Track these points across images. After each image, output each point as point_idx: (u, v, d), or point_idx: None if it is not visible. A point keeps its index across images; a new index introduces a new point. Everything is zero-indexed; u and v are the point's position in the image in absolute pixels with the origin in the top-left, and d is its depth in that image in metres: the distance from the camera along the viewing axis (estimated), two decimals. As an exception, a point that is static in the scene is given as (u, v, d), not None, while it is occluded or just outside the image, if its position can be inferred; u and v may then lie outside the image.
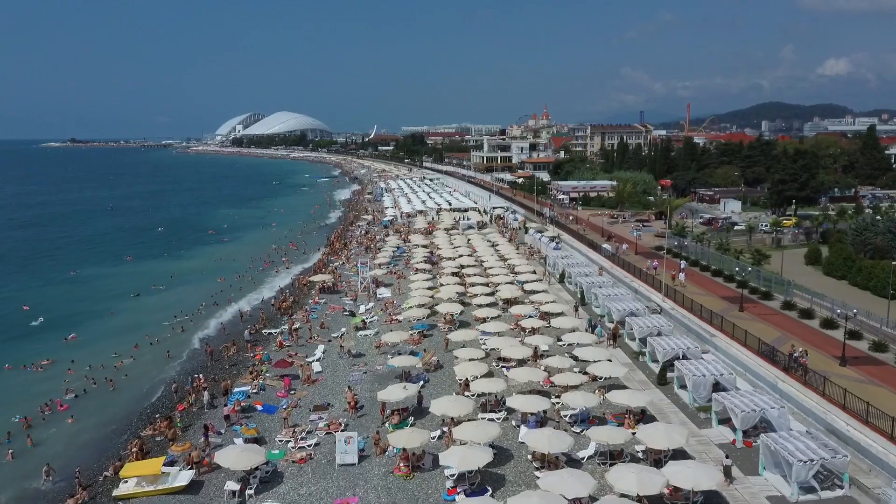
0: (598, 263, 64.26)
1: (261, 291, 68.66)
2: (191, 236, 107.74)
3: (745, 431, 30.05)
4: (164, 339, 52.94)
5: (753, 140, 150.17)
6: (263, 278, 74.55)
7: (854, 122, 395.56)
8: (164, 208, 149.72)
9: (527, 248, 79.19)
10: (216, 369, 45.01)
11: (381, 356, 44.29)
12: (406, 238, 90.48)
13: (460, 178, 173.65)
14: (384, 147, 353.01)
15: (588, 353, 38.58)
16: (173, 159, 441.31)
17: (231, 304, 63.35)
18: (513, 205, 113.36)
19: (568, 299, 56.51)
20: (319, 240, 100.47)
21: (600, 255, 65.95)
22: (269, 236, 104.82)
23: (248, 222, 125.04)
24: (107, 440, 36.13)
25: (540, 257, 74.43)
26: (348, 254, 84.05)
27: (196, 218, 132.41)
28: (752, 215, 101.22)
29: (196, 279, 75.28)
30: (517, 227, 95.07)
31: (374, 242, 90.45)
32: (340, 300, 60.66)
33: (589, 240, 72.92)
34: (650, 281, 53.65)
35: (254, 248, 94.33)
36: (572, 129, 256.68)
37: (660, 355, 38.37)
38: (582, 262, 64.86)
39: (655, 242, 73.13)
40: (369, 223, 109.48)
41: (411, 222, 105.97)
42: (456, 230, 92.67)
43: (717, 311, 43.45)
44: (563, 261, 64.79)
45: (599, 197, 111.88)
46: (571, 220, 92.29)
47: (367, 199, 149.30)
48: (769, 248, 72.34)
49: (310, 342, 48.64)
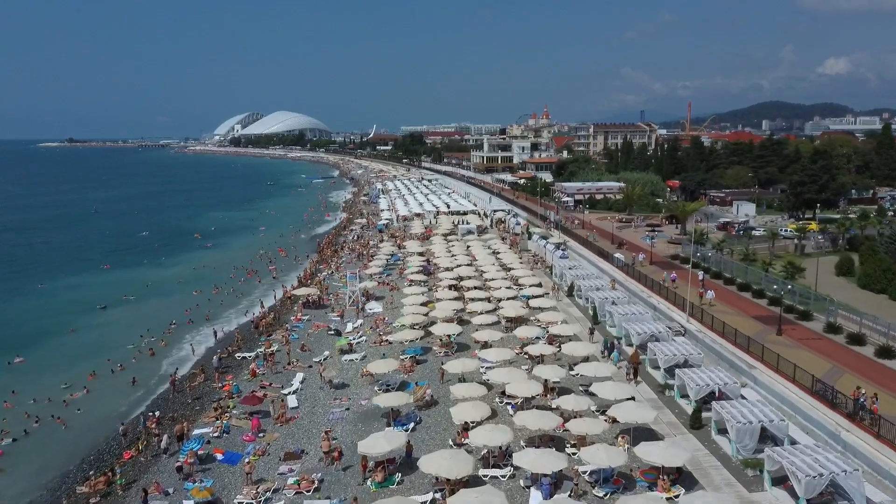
0: (609, 275, 58.51)
1: (241, 305, 62.89)
2: (176, 241, 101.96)
3: (808, 501, 24.31)
4: (129, 365, 47.01)
5: (764, 139, 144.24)
6: (246, 290, 68.68)
7: (856, 122, 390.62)
8: (152, 210, 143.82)
9: (530, 256, 73.43)
10: (178, 404, 39.22)
11: (368, 387, 38.62)
12: (401, 244, 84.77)
13: (459, 179, 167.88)
14: (383, 147, 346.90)
15: (608, 390, 32.76)
16: (170, 159, 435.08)
17: (209, 320, 57.61)
18: (514, 207, 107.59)
19: (578, 316, 50.74)
20: (311, 245, 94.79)
21: (612, 266, 60.14)
22: (257, 241, 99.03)
23: (237, 225, 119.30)
24: (40, 501, 30.32)
25: (545, 266, 68.70)
26: (339, 261, 78.31)
27: (184, 221, 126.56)
28: (769, 219, 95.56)
29: (173, 290, 69.53)
30: (520, 233, 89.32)
31: (367, 249, 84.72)
32: (326, 316, 54.92)
33: (598, 248, 67.05)
34: (671, 297, 47.82)
35: (240, 254, 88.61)
36: (574, 128, 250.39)
37: (692, 392, 32.62)
38: (592, 273, 59.06)
39: (670, 250, 67.35)
40: (363, 227, 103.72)
41: (408, 226, 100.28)
42: (454, 236, 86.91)
43: (752, 336, 37.79)
44: (571, 272, 58.98)
45: (606, 199, 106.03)
46: (577, 225, 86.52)
47: (362, 201, 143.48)
48: (793, 256, 66.73)
49: (287, 369, 42.91)
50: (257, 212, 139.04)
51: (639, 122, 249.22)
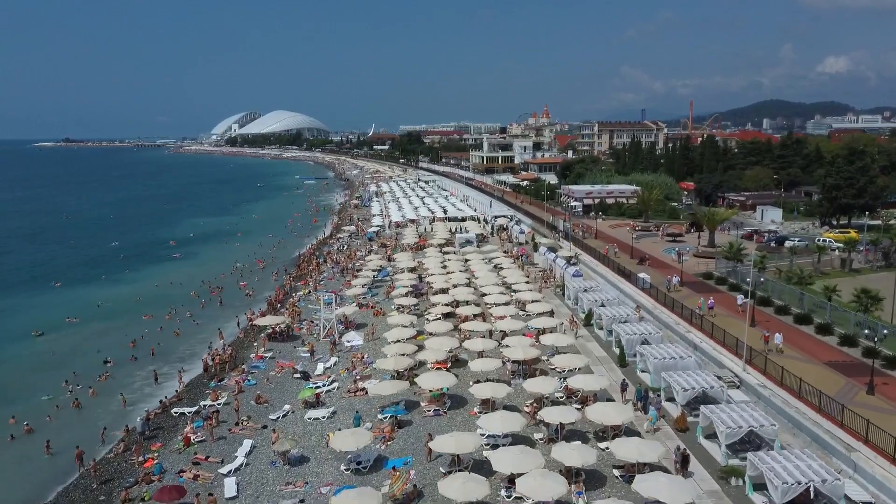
0: (633, 300, 49.18)
1: (198, 335, 53.38)
2: (147, 251, 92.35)
3: None
4: (41, 426, 36.88)
5: (783, 137, 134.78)
6: (207, 315, 59.10)
7: (858, 120, 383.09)
8: (129, 217, 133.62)
9: (538, 273, 64.08)
10: (82, 491, 29.69)
11: (333, 463, 29.37)
12: (391, 255, 75.46)
13: (458, 180, 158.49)
14: (380, 146, 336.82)
15: (659, 488, 23.36)
16: (164, 159, 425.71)
17: (153, 356, 48.20)
18: (517, 213, 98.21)
19: (601, 355, 41.37)
20: (293, 255, 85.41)
21: (637, 289, 50.71)
22: (233, 251, 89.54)
23: (217, 231, 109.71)
24: None
25: (555, 285, 59.28)
26: (319, 277, 68.94)
27: (161, 227, 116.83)
28: (799, 226, 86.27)
29: (125, 313, 60.06)
30: (524, 242, 79.96)
31: (353, 261, 75.43)
32: (294, 352, 45.59)
33: (617, 265, 57.49)
34: (717, 334, 38.36)
35: (211, 267, 79.14)
36: (578, 126, 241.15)
37: (778, 492, 23.21)
38: (612, 297, 49.59)
39: (700, 266, 57.91)
40: (351, 235, 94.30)
41: (400, 234, 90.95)
42: (451, 248, 77.54)
43: (835, 395, 28.60)
44: (587, 296, 49.57)
45: (618, 204, 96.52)
46: (589, 234, 77.15)
47: (353, 205, 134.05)
48: (842, 273, 57.39)
49: (233, 432, 33.59)
50: (241, 216, 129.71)
51: (645, 121, 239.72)
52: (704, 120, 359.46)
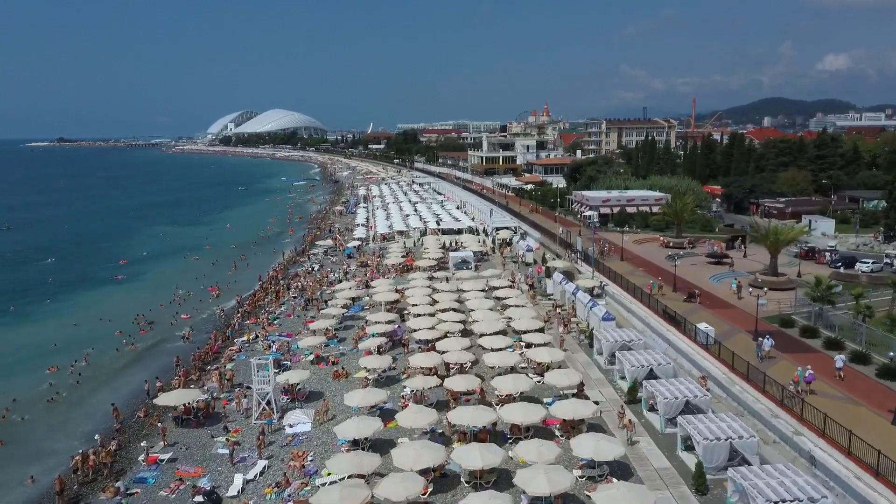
0: (693, 363, 35.11)
1: (84, 409, 38.91)
2: (86, 273, 77.37)
3: None
4: None
5: (820, 134, 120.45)
6: (115, 373, 44.82)
7: (861, 118, 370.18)
8: (85, 226, 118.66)
9: (554, 311, 49.88)
10: None
11: None
12: (370, 280, 61.43)
13: (454, 183, 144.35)
14: (376, 146, 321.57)
15: None
16: (155, 159, 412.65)
17: (1, 445, 34.07)
18: (523, 224, 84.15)
19: (662, 467, 27.27)
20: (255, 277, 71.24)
21: (696, 346, 36.49)
22: (185, 272, 75.26)
23: (177, 245, 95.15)
24: None
25: (580, 330, 45.01)
26: (277, 312, 54.82)
27: (114, 240, 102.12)
28: (860, 241, 72.14)
29: (21, 365, 45.92)
30: (532, 262, 65.96)
31: (321, 286, 61.44)
32: (210, 446, 31.43)
33: (664, 309, 42.62)
34: (840, 437, 24.22)
35: (158, 293, 64.60)
36: (585, 124, 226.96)
37: None
38: (663, 362, 35.30)
39: (766, 305, 43.58)
40: (327, 251, 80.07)
41: (385, 249, 76.89)
42: (443, 272, 63.41)
43: None
44: (630, 358, 35.28)
45: (641, 214, 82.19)
46: (610, 253, 63.13)
47: (337, 211, 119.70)
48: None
49: None
50: (212, 226, 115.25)
51: (654, 118, 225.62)
52: (705, 118, 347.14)
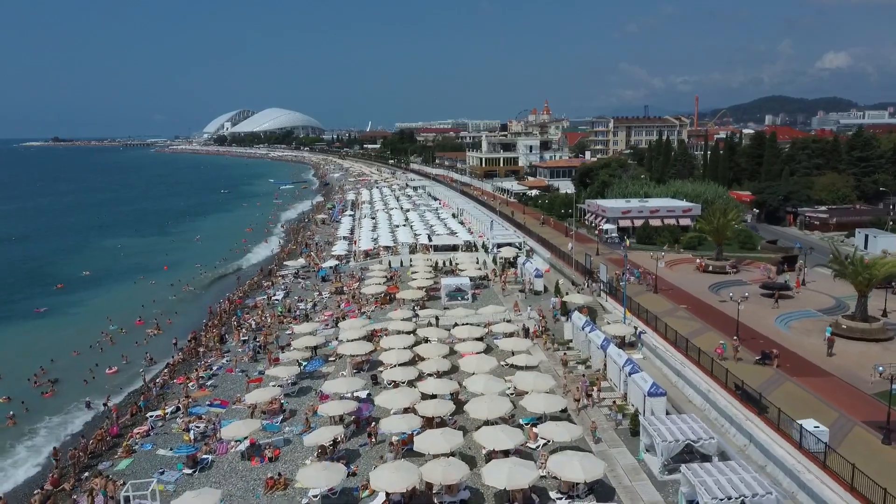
0: (802, 485, 22.92)
1: None
2: (7, 299, 65.49)
3: None
4: None
5: (854, 134, 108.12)
6: None
7: (864, 116, 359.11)
8: (29, 237, 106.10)
9: (576, 372, 37.58)
10: None
11: None
12: (343, 314, 49.32)
13: (451, 187, 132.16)
14: (372, 145, 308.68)
15: None
16: (146, 159, 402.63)
17: None
18: (528, 238, 72.01)
19: None
20: (208, 306, 59.11)
21: (796, 449, 24.28)
22: (130, 300, 62.95)
23: (130, 264, 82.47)
24: None
25: (617, 407, 32.60)
26: (218, 361, 42.64)
27: (56, 256, 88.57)
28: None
29: None
30: (543, 290, 53.72)
31: (282, 322, 49.34)
32: None
33: (737, 384, 30.29)
34: None
35: (74, 334, 52.35)
36: (590, 122, 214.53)
37: None
38: (749, 483, 23.08)
39: (882, 370, 31.25)
40: (298, 273, 67.87)
41: (366, 270, 64.60)
42: (432, 307, 51.00)
43: None
44: (704, 479, 22.97)
45: (669, 228, 69.73)
46: (647, 281, 50.92)
47: (320, 220, 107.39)
48: None
49: None
50: (179, 237, 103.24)
51: (664, 116, 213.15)
52: (706, 116, 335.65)
